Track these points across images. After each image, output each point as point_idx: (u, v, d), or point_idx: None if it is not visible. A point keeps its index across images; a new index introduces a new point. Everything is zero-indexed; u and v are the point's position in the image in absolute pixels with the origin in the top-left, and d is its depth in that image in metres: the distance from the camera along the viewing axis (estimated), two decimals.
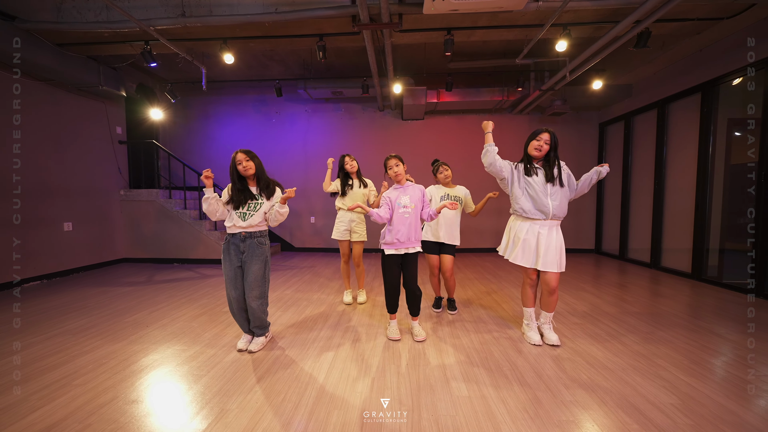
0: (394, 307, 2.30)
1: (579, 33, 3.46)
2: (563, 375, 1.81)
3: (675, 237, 4.30)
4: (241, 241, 2.04)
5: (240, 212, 2.04)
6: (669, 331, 2.41)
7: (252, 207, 2.05)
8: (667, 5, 2.74)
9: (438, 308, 2.86)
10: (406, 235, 2.18)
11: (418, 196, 2.23)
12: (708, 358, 2.01)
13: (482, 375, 1.82)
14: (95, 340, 2.28)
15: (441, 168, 2.70)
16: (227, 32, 3.40)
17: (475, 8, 2.72)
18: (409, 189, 2.24)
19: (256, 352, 2.08)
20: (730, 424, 1.43)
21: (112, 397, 1.61)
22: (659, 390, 1.67)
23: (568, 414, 1.49)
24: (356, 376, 1.80)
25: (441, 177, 2.70)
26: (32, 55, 3.35)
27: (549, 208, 2.06)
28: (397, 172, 2.20)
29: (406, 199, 2.20)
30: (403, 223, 2.17)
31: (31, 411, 1.51)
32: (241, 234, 2.05)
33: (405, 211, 2.18)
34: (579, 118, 5.75)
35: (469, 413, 1.49)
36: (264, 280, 2.07)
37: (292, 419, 1.45)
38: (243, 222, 2.03)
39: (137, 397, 1.62)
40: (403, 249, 2.20)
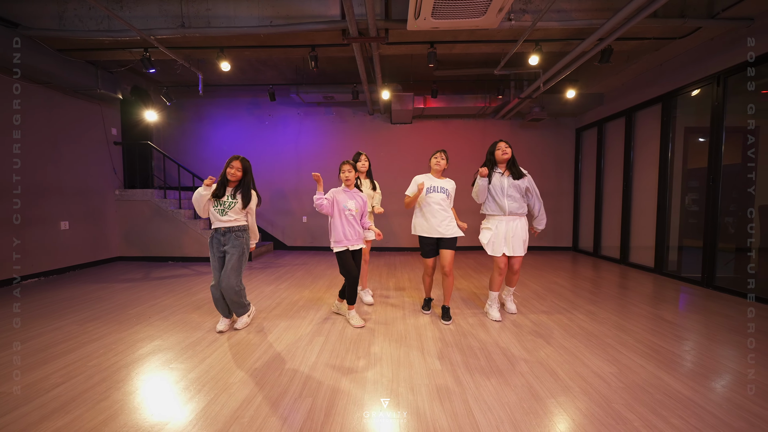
0: (353, 297, 2.53)
1: (550, 48, 3.79)
2: (517, 342, 2.09)
3: (641, 235, 4.67)
4: (222, 235, 2.36)
5: (218, 209, 2.33)
6: (617, 313, 2.73)
7: (228, 205, 2.34)
8: (625, 26, 3.06)
9: (427, 310, 2.77)
10: (353, 234, 2.50)
11: (361, 203, 2.56)
12: (651, 338, 2.32)
13: (455, 354, 2.08)
14: (101, 330, 2.46)
15: (438, 154, 2.61)
16: (224, 42, 3.60)
17: (454, 27, 2.99)
18: (356, 195, 2.55)
19: (241, 329, 2.45)
20: (656, 387, 1.72)
21: (125, 375, 1.82)
22: (602, 362, 1.97)
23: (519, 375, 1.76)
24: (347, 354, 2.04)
25: (432, 162, 2.61)
26: (34, 61, 3.49)
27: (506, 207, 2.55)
28: (347, 177, 2.48)
29: (352, 204, 2.49)
30: (349, 224, 2.47)
31: (54, 386, 1.71)
32: (221, 229, 2.35)
33: (350, 213, 2.48)
34: (557, 123, 6.12)
35: (441, 383, 1.75)
36: (240, 265, 2.38)
37: (287, 390, 1.69)
38: (222, 217, 2.33)
39: (148, 375, 1.83)
40: (352, 246, 2.50)
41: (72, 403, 1.57)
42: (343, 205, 2.46)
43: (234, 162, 2.33)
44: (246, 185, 2.39)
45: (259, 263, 5.06)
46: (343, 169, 2.50)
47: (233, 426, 1.42)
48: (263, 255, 5.76)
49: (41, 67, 3.59)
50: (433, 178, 2.64)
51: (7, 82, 3.58)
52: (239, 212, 2.37)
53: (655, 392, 1.68)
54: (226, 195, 2.35)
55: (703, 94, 3.75)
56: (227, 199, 2.34)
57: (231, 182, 2.37)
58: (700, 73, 3.69)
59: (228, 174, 2.32)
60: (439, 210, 2.54)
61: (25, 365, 1.92)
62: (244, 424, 1.43)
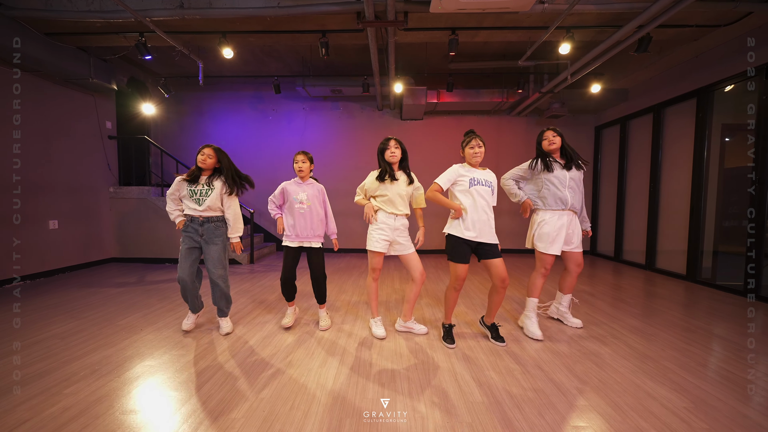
0: (289, 296, 2.43)
1: (582, 36, 3.49)
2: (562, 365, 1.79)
3: (670, 239, 4.37)
4: (200, 225, 2.24)
5: (194, 197, 2.22)
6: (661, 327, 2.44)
7: (204, 193, 2.22)
8: (670, 11, 2.77)
9: (452, 343, 2.14)
10: (305, 229, 2.33)
11: (315, 194, 2.38)
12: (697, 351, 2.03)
13: (493, 376, 1.78)
14: (86, 345, 2.16)
15: (473, 142, 2.07)
16: (227, 26, 3.30)
17: (482, 8, 2.70)
18: (309, 187, 2.38)
19: (229, 334, 2.32)
20: (744, 427, 1.42)
21: (107, 407, 1.52)
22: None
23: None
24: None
25: (470, 153, 2.08)
26: (18, 45, 3.18)
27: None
28: (301, 168, 2.34)
29: (303, 196, 2.34)
30: (299, 217, 2.32)
31: (19, 423, 1.41)
32: (199, 218, 2.23)
33: (301, 206, 2.31)
34: (576, 121, 5.82)
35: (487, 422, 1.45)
36: (225, 257, 2.30)
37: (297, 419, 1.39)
38: (199, 206, 2.21)
39: (134, 407, 1.53)
40: (306, 243, 2.35)
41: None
42: (293, 197, 2.33)
43: (205, 149, 2.23)
44: (228, 173, 2.28)
45: (261, 266, 4.76)
46: (296, 159, 2.37)
47: None
48: (266, 257, 5.46)
49: (28, 53, 3.29)
50: (473, 169, 2.11)
51: None
52: (214, 201, 2.23)
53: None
54: (200, 183, 2.25)
55: (741, 89, 3.45)
56: (202, 187, 2.23)
57: (204, 170, 2.27)
58: (743, 65, 3.39)
59: (198, 161, 2.22)
60: (486, 208, 2.06)
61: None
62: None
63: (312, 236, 2.35)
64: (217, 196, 2.24)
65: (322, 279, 2.39)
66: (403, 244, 2.24)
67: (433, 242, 5.72)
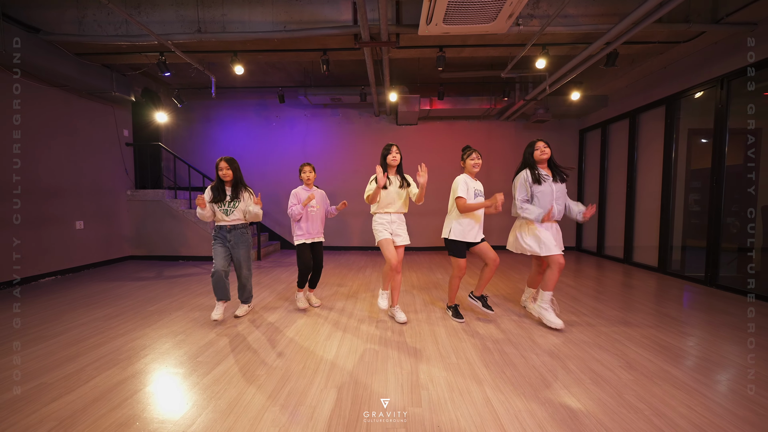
0: (304, 283, 2.86)
1: (556, 52, 3.87)
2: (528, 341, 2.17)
3: (644, 235, 4.75)
4: (228, 232, 2.59)
5: (222, 209, 2.56)
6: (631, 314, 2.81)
7: (232, 205, 2.58)
8: (632, 31, 3.14)
9: (461, 318, 2.58)
10: (316, 228, 2.83)
11: (322, 198, 2.90)
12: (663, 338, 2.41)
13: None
14: (127, 325, 2.55)
15: (474, 155, 2.48)
16: (238, 46, 3.68)
17: (464, 32, 3.08)
18: (316, 193, 2.83)
19: (241, 317, 2.72)
20: (665, 380, 1.80)
21: (158, 366, 1.90)
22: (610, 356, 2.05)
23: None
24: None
25: (471, 163, 2.48)
26: (54, 65, 3.58)
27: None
28: (309, 177, 2.79)
29: (314, 201, 2.80)
30: (313, 219, 2.80)
31: (89, 378, 1.79)
32: (227, 226, 2.59)
33: (313, 210, 2.81)
34: (561, 125, 6.19)
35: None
36: (249, 259, 2.69)
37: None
38: (227, 217, 2.57)
39: (179, 367, 1.91)
40: (316, 238, 2.84)
41: (111, 393, 1.65)
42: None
43: (221, 164, 2.54)
44: (242, 181, 2.63)
45: (268, 262, 5.15)
46: (304, 170, 2.81)
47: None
48: (271, 254, 5.85)
49: (61, 71, 3.68)
50: (473, 180, 2.51)
51: (28, 86, 3.68)
52: (241, 211, 2.60)
53: (663, 384, 1.76)
54: (227, 196, 2.57)
55: (706, 96, 3.83)
56: (230, 200, 2.57)
57: (227, 182, 2.59)
58: (704, 76, 3.77)
59: (220, 175, 2.55)
60: (480, 212, 2.49)
61: (60, 358, 2.01)
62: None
63: (319, 233, 2.88)
64: (244, 207, 2.59)
65: (321, 268, 2.93)
66: (401, 236, 2.60)
67: (429, 239, 6.10)
